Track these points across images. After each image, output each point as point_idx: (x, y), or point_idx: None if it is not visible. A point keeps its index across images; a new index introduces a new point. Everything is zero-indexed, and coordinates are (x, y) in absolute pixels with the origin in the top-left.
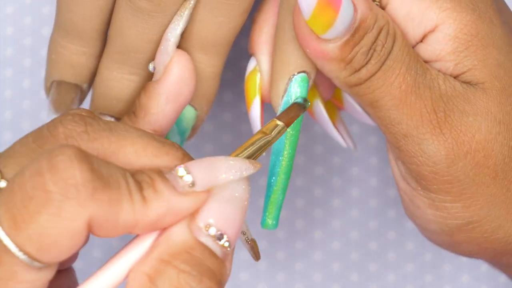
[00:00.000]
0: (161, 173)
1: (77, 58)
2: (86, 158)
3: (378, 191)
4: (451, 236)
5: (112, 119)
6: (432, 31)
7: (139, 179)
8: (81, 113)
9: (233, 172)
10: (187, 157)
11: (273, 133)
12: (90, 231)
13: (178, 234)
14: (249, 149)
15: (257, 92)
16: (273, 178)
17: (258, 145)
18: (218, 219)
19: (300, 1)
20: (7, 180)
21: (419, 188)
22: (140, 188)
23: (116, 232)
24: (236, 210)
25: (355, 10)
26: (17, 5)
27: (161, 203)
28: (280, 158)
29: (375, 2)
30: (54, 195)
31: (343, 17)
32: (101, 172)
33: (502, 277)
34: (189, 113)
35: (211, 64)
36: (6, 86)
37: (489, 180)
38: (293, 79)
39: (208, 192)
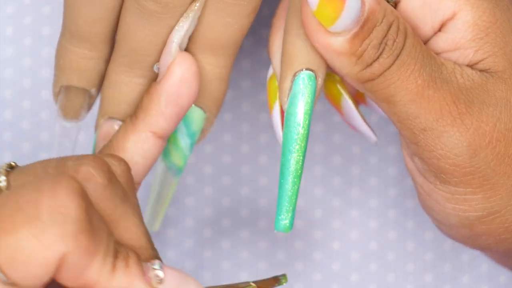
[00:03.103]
0: (138, 256)
1: (85, 63)
2: (88, 202)
3: (378, 191)
4: (471, 228)
5: (121, 123)
6: (450, 19)
7: (118, 248)
8: (115, 170)
9: None
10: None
11: None
12: (56, 269)
13: None
14: None
15: (277, 96)
16: (283, 180)
17: None
18: None
19: None
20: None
21: (438, 183)
22: (115, 256)
23: (74, 283)
24: None
25: (363, 2)
26: (17, 5)
27: (126, 279)
28: (290, 159)
29: (390, 1)
30: (42, 216)
31: (350, 8)
32: (93, 220)
33: (502, 277)
34: (198, 116)
35: (220, 65)
36: (6, 86)
37: (510, 169)
38: (298, 76)
39: None
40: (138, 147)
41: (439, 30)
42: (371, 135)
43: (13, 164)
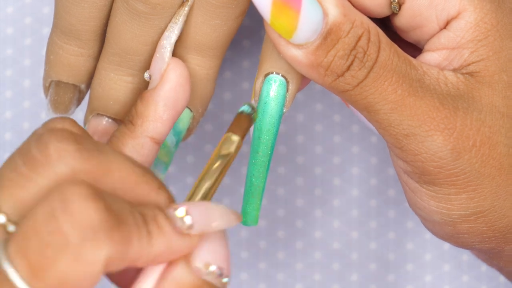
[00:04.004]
0: (162, 210)
1: (74, 59)
2: (99, 195)
3: (378, 191)
4: (454, 226)
5: (110, 120)
6: (455, 18)
7: (143, 212)
8: (70, 128)
9: (224, 222)
10: (162, 188)
11: (233, 150)
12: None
13: (184, 276)
14: (215, 173)
15: None
16: (252, 179)
17: (222, 166)
18: (214, 257)
19: (255, 2)
20: (5, 213)
21: (422, 182)
22: (145, 222)
23: (121, 267)
24: (225, 247)
25: (325, 14)
26: (17, 5)
27: (163, 239)
28: (254, 161)
29: (393, 2)
30: (72, 239)
31: (308, 20)
32: (113, 208)
33: (502, 277)
34: (185, 115)
35: (207, 66)
36: (6, 86)
37: (495, 171)
38: (268, 79)
39: (201, 235)
40: (136, 153)
41: (444, 27)
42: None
43: None
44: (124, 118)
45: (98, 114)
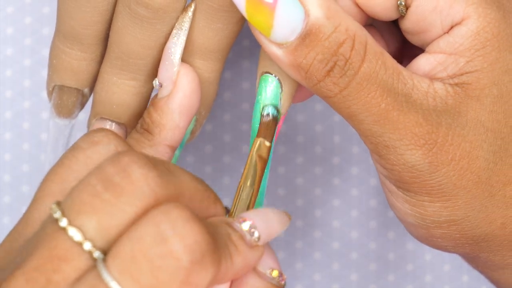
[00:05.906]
0: (231, 226)
1: (77, 63)
2: (201, 219)
3: (378, 191)
4: (427, 230)
5: (113, 124)
6: (459, 24)
7: (221, 232)
8: (140, 154)
9: (282, 225)
10: (218, 200)
11: (267, 156)
12: None
13: (260, 285)
14: (255, 179)
15: None
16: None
17: (260, 172)
18: (274, 262)
19: None
20: (91, 240)
21: (398, 186)
22: (225, 244)
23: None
24: (273, 251)
25: (307, 14)
26: (17, 5)
27: (241, 257)
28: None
29: (400, 5)
30: (184, 263)
31: (284, 18)
32: (210, 231)
33: None
34: None
35: (210, 69)
36: (6, 86)
37: (471, 184)
38: (262, 78)
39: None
40: None
41: (447, 32)
42: None
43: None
44: (136, 126)
45: (102, 118)
